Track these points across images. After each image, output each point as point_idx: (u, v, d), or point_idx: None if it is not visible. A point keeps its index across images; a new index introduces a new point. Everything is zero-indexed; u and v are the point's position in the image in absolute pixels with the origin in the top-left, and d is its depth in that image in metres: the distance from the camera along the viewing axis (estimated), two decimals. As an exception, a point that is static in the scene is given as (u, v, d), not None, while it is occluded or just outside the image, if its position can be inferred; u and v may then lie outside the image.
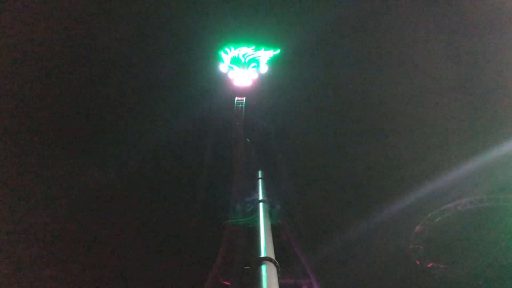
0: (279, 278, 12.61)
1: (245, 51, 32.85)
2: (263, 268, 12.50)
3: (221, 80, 33.30)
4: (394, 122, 30.66)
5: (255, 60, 32.98)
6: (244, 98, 32.46)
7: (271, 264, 12.95)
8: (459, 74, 29.84)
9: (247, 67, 33.00)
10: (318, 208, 29.64)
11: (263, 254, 13.49)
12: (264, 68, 32.99)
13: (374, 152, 30.30)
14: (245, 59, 32.94)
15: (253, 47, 32.76)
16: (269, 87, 33.40)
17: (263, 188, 24.10)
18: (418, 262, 27.68)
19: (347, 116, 32.47)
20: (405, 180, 27.94)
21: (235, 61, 33.01)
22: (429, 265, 27.63)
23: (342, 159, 31.22)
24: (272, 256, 13.47)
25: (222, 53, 32.80)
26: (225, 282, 24.17)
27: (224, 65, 32.99)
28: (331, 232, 28.33)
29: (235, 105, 31.86)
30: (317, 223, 29.08)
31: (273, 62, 32.84)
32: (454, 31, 30.22)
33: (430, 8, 30.67)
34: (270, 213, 25.97)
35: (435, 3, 30.66)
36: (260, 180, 25.74)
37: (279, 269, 12.99)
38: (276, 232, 24.93)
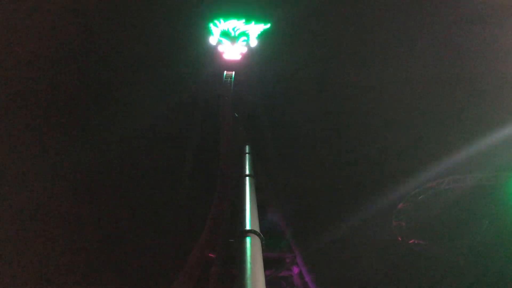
0: (263, 251, 12.67)
1: (235, 24, 32.32)
2: (248, 240, 12.48)
3: (210, 54, 32.84)
4: (385, 110, 30.68)
5: (245, 34, 32.49)
6: (233, 72, 32.11)
7: (256, 237, 12.95)
8: (447, 67, 30.05)
9: (237, 41, 32.53)
10: (307, 187, 29.74)
11: (248, 227, 13.45)
12: (254, 42, 32.59)
13: (365, 139, 30.45)
14: (235, 32, 32.41)
15: (244, 21, 32.23)
16: (258, 61, 33.06)
17: (250, 163, 23.99)
18: (399, 238, 28.27)
19: (339, 94, 32.31)
20: (397, 169, 28.27)
21: (225, 34, 32.48)
22: (411, 241, 28.25)
23: (333, 138, 31.31)
24: (257, 229, 13.46)
25: (211, 25, 32.24)
26: (210, 255, 24.42)
27: (214, 38, 32.49)
28: (321, 216, 28.53)
29: (223, 79, 31.51)
30: (306, 205, 29.22)
31: (263, 36, 32.41)
32: (446, 25, 30.17)
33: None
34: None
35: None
36: (247, 154, 25.62)
37: (264, 242, 13.01)
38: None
